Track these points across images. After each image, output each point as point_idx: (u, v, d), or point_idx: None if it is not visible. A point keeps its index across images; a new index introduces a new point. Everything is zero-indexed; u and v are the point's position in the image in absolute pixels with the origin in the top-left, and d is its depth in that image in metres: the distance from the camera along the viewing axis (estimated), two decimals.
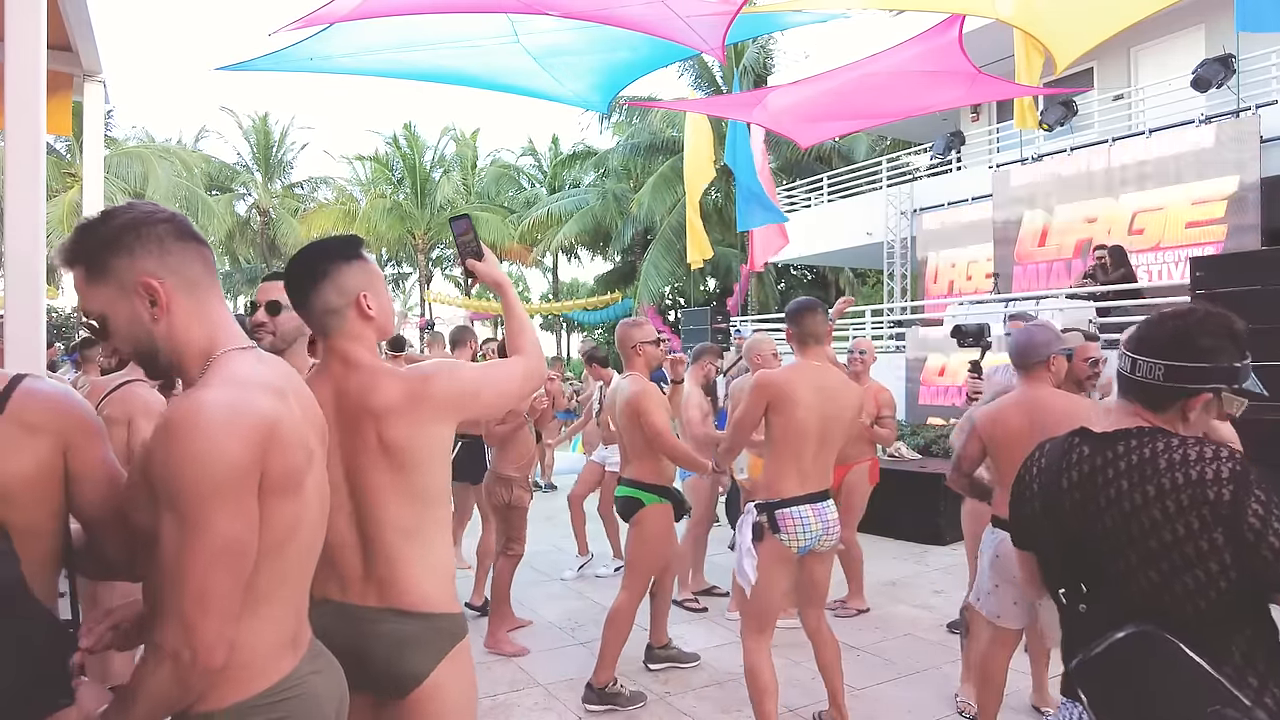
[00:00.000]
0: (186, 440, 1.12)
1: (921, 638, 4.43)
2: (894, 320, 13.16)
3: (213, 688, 1.19)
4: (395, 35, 4.24)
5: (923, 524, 6.53)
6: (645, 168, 23.02)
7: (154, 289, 1.22)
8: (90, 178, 5.94)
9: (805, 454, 2.98)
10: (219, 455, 1.12)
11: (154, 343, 1.24)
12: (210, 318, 1.27)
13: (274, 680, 1.26)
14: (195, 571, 1.11)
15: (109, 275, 1.21)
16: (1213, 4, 9.34)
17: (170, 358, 1.25)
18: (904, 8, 5.21)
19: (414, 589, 1.62)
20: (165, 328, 1.24)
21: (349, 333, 1.65)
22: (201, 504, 1.11)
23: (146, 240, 1.23)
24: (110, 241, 1.22)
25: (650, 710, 3.56)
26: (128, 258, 1.21)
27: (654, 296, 22.50)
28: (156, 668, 1.13)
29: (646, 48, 4.61)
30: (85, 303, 1.23)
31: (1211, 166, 9.68)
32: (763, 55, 21.31)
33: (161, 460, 1.13)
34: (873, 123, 9.94)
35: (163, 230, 1.24)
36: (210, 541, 1.12)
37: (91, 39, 4.61)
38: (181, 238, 1.26)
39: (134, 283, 1.21)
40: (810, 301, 3.15)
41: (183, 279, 1.25)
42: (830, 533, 3.01)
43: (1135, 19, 4.94)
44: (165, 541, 1.12)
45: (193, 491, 1.11)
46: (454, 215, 1.90)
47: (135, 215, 1.24)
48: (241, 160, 30.14)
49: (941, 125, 14.35)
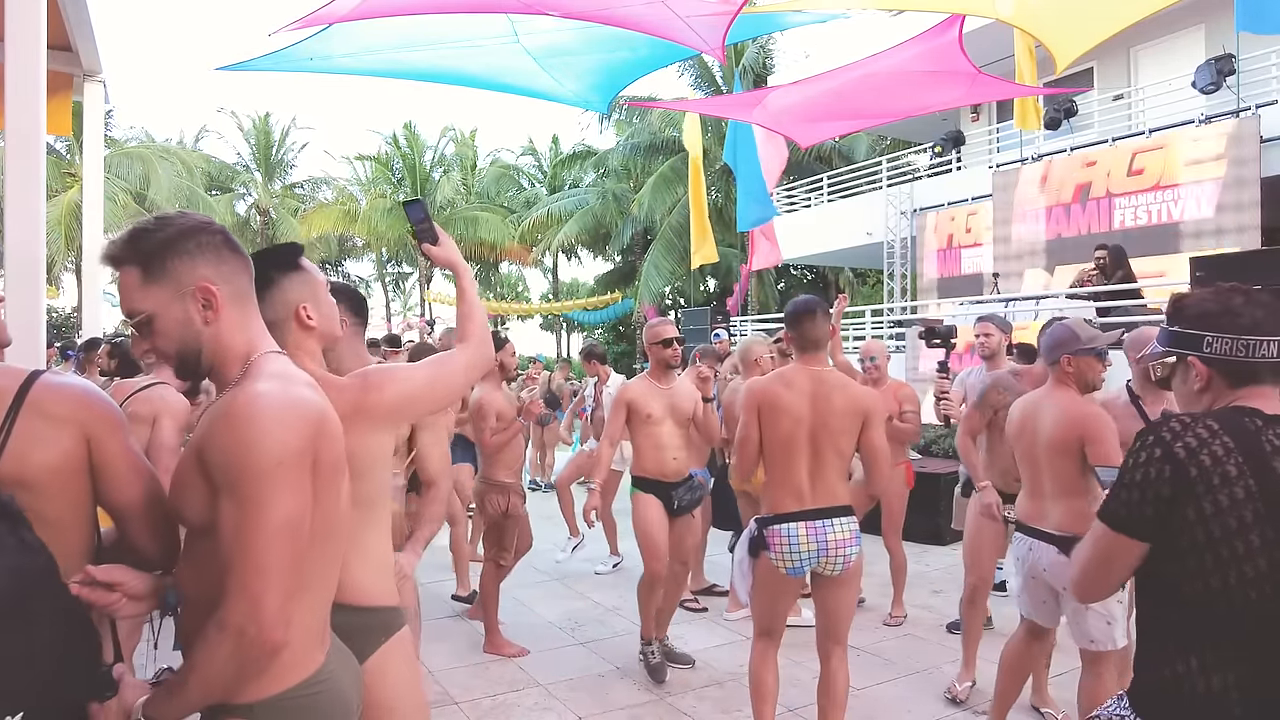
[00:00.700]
0: (247, 427, 1.17)
1: (921, 638, 4.43)
2: (894, 320, 13.16)
3: (259, 674, 1.22)
4: (395, 35, 4.23)
5: (923, 524, 6.52)
6: (645, 168, 23.02)
7: (211, 293, 1.28)
8: (90, 178, 5.95)
9: (798, 467, 2.79)
10: (278, 438, 1.17)
11: (199, 344, 1.29)
12: (250, 327, 1.34)
13: (310, 671, 1.30)
14: (258, 547, 1.15)
15: (167, 277, 1.26)
16: (1213, 4, 9.34)
17: (212, 360, 1.31)
18: (904, 8, 5.21)
19: (352, 585, 1.64)
20: (213, 332, 1.29)
21: (290, 344, 1.63)
22: (262, 483, 1.15)
23: (205, 248, 1.29)
24: (171, 244, 1.27)
25: (650, 710, 3.56)
26: (188, 262, 1.27)
27: (654, 296, 22.49)
28: (218, 645, 1.15)
29: (646, 48, 4.61)
30: (135, 302, 1.27)
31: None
32: (763, 55, 21.32)
33: (222, 448, 1.18)
34: (873, 123, 9.93)
35: (218, 240, 1.31)
36: (272, 518, 1.16)
37: (91, 39, 4.62)
38: (233, 250, 1.33)
39: (191, 286, 1.27)
40: (810, 303, 2.93)
41: (233, 288, 1.31)
42: (835, 555, 2.75)
43: (1135, 19, 4.94)
44: (226, 525, 1.16)
45: (254, 472, 1.15)
46: (407, 200, 1.86)
47: (194, 223, 1.30)
48: (241, 160, 30.16)
49: (941, 125, 14.36)
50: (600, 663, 4.10)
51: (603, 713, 3.53)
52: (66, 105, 5.37)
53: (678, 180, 19.99)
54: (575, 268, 39.82)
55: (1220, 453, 1.32)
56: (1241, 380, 1.44)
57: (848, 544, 2.77)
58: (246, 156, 30.21)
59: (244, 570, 1.15)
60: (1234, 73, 9.38)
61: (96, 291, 6.46)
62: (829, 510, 2.79)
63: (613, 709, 3.56)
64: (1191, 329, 1.48)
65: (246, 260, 1.36)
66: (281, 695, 1.26)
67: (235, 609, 1.15)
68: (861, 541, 2.84)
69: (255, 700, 1.24)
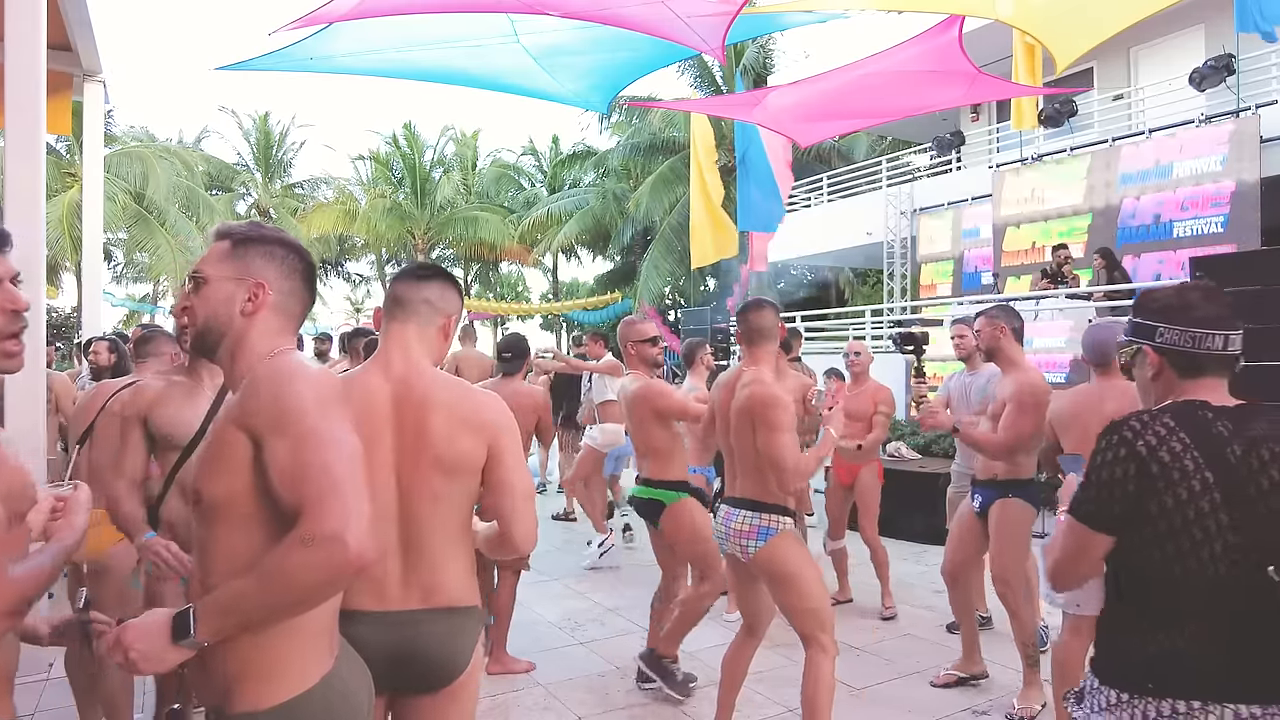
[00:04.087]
0: (286, 381, 1.26)
1: (921, 638, 4.43)
2: (894, 320, 13.15)
3: (284, 670, 1.24)
4: (395, 35, 4.23)
5: (923, 524, 6.53)
6: (645, 168, 23.00)
7: (262, 291, 1.38)
8: (90, 177, 5.95)
9: (729, 459, 3.01)
10: (315, 384, 1.27)
11: (226, 327, 1.37)
12: (280, 342, 1.40)
13: (325, 671, 1.30)
14: (334, 469, 1.18)
15: (242, 260, 1.39)
16: (1213, 4, 9.34)
17: (231, 347, 1.38)
18: (904, 8, 5.20)
19: (466, 585, 1.76)
20: (244, 324, 1.37)
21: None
22: (313, 418, 1.22)
23: (283, 260, 1.42)
24: (265, 242, 1.42)
25: (650, 710, 3.56)
26: (263, 262, 1.40)
27: (654, 296, 22.49)
28: (307, 554, 1.13)
29: (646, 48, 4.60)
30: (206, 263, 1.39)
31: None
32: (763, 55, 21.29)
33: (264, 401, 1.25)
34: (873, 122, 9.93)
35: (300, 266, 1.44)
36: (343, 447, 1.22)
37: (91, 39, 4.62)
38: (306, 280, 1.45)
39: (251, 278, 1.38)
40: (759, 300, 3.09)
41: (282, 301, 1.41)
42: (730, 541, 2.89)
43: (1135, 19, 4.94)
44: (282, 461, 1.20)
45: (301, 410, 1.22)
46: None
47: (293, 243, 1.45)
48: (241, 160, 30.12)
49: (941, 125, 14.35)
50: (600, 663, 4.10)
51: (603, 713, 3.53)
52: (66, 105, 5.38)
53: (677, 180, 19.97)
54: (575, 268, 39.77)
55: (1178, 448, 1.43)
56: (1188, 371, 1.55)
57: (744, 535, 2.86)
58: (246, 156, 30.19)
59: (323, 487, 1.16)
60: (1233, 72, 9.39)
61: (96, 291, 6.46)
62: (742, 501, 2.92)
63: (613, 709, 3.56)
64: (1148, 320, 1.60)
65: (309, 298, 1.47)
66: (293, 701, 1.25)
67: (328, 518, 1.14)
68: (767, 539, 2.83)
69: (268, 707, 1.23)
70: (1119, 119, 11.40)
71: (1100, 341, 3.12)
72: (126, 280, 28.58)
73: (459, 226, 27.53)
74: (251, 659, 1.24)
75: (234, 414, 1.27)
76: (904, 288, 14.74)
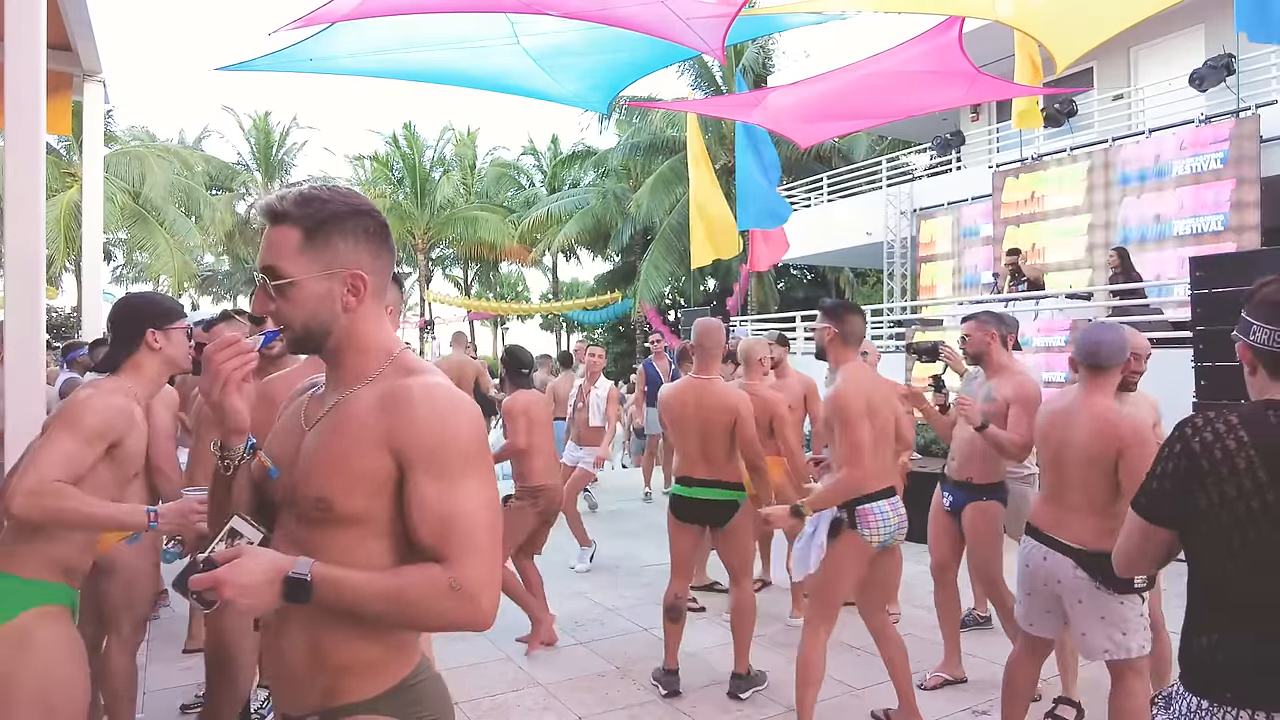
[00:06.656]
0: (451, 414, 1.19)
1: (921, 638, 4.43)
2: (894, 320, 13.16)
3: (391, 661, 1.24)
4: (395, 35, 4.23)
5: (922, 524, 6.51)
6: (645, 168, 23.02)
7: (362, 282, 1.24)
8: (90, 177, 5.94)
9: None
10: (477, 427, 1.22)
11: (332, 327, 1.24)
12: (385, 323, 1.31)
13: (419, 656, 1.31)
14: (487, 529, 1.18)
15: (325, 250, 1.22)
16: (1213, 4, 9.34)
17: (343, 346, 1.26)
18: (903, 9, 5.20)
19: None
20: (350, 319, 1.25)
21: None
22: (470, 464, 1.18)
23: (370, 236, 1.26)
24: (340, 219, 1.23)
25: (650, 710, 3.56)
26: (351, 243, 1.24)
27: (654, 296, 22.51)
28: (444, 595, 1.13)
29: (646, 48, 4.60)
30: (284, 262, 1.21)
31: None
32: (763, 55, 21.32)
33: (423, 432, 1.17)
34: (873, 123, 9.93)
35: (380, 230, 1.28)
36: (494, 504, 1.20)
37: (91, 39, 4.61)
38: (386, 243, 1.30)
39: (345, 269, 1.23)
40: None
41: (378, 281, 1.28)
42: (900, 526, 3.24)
43: (1135, 19, 4.94)
44: (429, 501, 1.16)
45: (463, 455, 1.18)
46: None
47: (363, 206, 1.27)
48: (242, 160, 30.13)
49: (941, 125, 14.35)
50: (600, 663, 4.10)
51: (603, 713, 3.53)
52: (66, 105, 5.37)
53: (677, 180, 19.97)
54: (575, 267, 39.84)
55: (1233, 446, 1.39)
56: (1277, 373, 1.48)
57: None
58: (246, 156, 30.20)
59: (471, 544, 1.15)
60: (1233, 72, 9.39)
61: (96, 291, 6.46)
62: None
63: (613, 709, 3.56)
64: (1248, 315, 1.51)
65: (393, 256, 1.34)
66: (405, 681, 1.26)
67: (474, 577, 1.14)
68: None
69: (386, 689, 1.23)
70: (1119, 119, 11.40)
71: (1100, 342, 2.70)
72: (126, 280, 28.62)
73: (459, 226, 27.54)
74: (360, 650, 1.22)
75: (379, 433, 1.18)
76: (904, 288, 14.74)
